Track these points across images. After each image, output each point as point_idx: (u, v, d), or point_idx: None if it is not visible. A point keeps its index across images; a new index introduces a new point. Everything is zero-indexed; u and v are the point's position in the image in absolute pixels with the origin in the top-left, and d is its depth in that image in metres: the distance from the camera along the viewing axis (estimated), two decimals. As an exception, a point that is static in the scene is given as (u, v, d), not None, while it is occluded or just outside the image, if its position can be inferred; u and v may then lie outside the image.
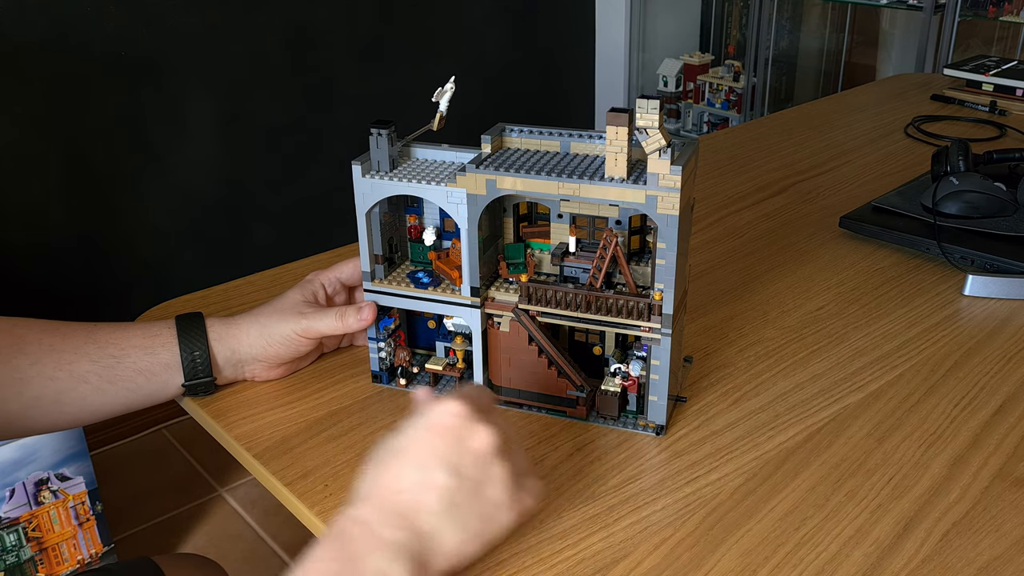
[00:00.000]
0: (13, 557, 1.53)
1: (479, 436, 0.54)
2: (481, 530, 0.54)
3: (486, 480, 0.54)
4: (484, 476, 0.54)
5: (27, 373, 0.70)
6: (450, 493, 0.53)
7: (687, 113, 2.86)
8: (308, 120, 2.23)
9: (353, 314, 0.75)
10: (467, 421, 0.54)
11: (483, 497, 0.54)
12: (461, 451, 0.53)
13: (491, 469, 0.54)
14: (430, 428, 0.54)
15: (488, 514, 0.54)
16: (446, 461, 0.53)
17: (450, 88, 0.72)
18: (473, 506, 0.53)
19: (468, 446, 0.53)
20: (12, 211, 1.82)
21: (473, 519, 0.54)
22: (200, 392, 0.75)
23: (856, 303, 0.91)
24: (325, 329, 0.75)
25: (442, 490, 0.53)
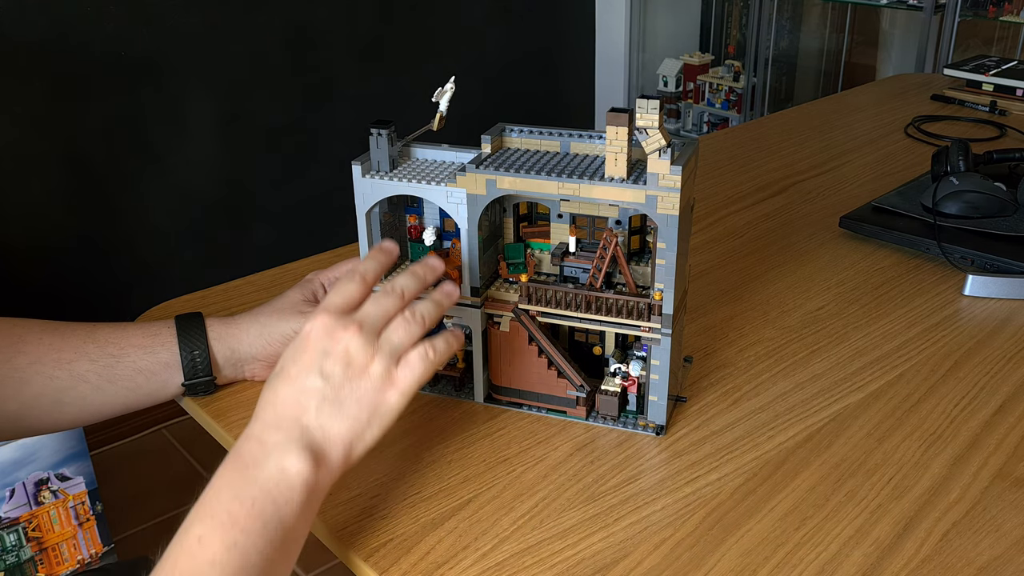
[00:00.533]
0: (13, 557, 1.53)
1: (340, 340, 0.58)
2: (367, 416, 0.58)
3: (356, 374, 0.58)
4: (353, 371, 0.58)
5: (27, 372, 0.70)
6: (324, 392, 0.57)
7: (687, 113, 2.86)
8: (308, 120, 2.23)
9: None
10: (330, 329, 0.59)
11: (358, 388, 0.58)
12: (327, 356, 0.58)
13: (358, 363, 0.58)
14: (299, 347, 0.59)
15: (368, 400, 0.58)
16: (314, 368, 0.58)
17: (450, 88, 0.72)
18: (349, 397, 0.58)
19: (332, 350, 0.58)
20: (12, 211, 1.82)
21: (355, 408, 0.58)
22: (200, 392, 0.75)
23: (856, 303, 0.91)
24: None
25: (315, 392, 0.57)
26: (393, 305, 0.61)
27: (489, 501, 0.64)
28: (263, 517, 0.52)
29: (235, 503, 0.52)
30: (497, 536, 0.61)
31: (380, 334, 0.60)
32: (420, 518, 0.63)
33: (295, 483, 0.54)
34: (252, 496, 0.53)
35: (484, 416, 0.74)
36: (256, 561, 0.51)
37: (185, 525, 0.52)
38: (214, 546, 0.51)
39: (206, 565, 0.50)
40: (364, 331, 0.59)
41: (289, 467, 0.54)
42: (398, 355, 0.60)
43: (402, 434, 0.72)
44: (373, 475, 0.67)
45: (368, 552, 0.60)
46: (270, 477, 0.54)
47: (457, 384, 0.76)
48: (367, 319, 0.60)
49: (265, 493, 0.53)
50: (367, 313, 0.60)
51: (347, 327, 0.59)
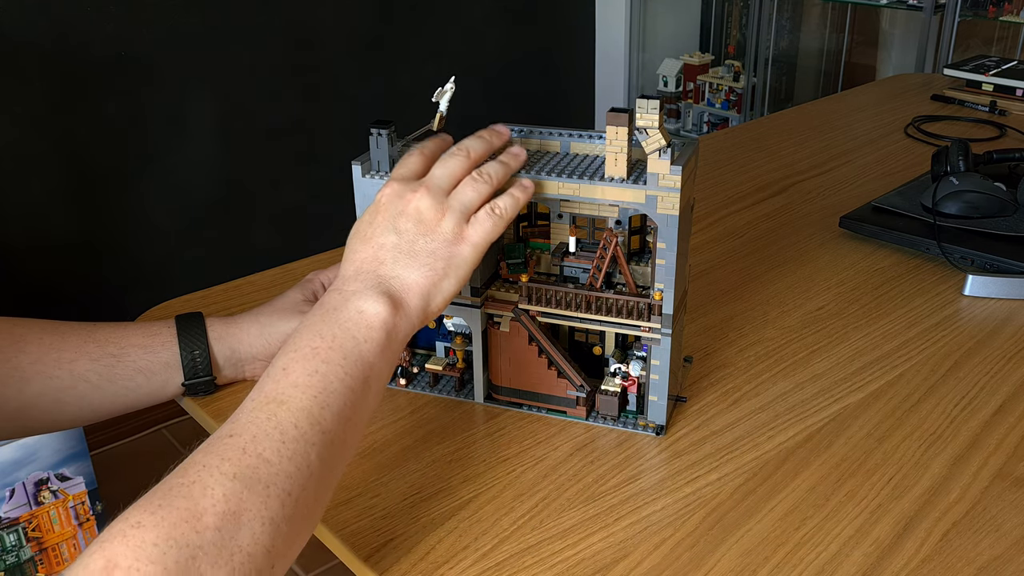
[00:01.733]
0: (13, 557, 1.53)
1: (410, 200, 0.62)
2: (441, 265, 0.61)
3: (427, 230, 0.61)
4: (424, 227, 0.61)
5: (27, 372, 0.70)
6: (397, 246, 0.61)
7: (687, 113, 2.86)
8: (308, 120, 2.23)
9: None
10: (401, 191, 0.63)
11: (430, 242, 0.61)
12: (401, 215, 0.62)
13: (429, 220, 0.62)
14: (372, 210, 0.63)
15: (440, 252, 0.61)
16: (388, 226, 0.62)
17: (450, 88, 0.72)
18: (424, 249, 0.61)
19: (404, 210, 0.62)
20: (12, 211, 1.82)
21: (428, 259, 0.61)
22: (200, 392, 0.75)
23: (856, 303, 0.91)
24: None
25: (390, 246, 0.61)
26: (460, 166, 0.64)
27: (489, 501, 0.64)
28: (343, 350, 0.55)
29: (316, 338, 0.56)
30: (497, 536, 0.61)
31: (449, 194, 0.63)
32: (420, 518, 0.63)
33: (374, 323, 0.57)
34: (332, 333, 0.56)
35: (484, 416, 0.74)
36: (337, 388, 0.54)
37: (272, 363, 0.56)
38: (296, 372, 0.54)
39: (289, 387, 0.53)
40: (432, 191, 0.62)
41: (367, 309, 0.57)
42: (468, 212, 0.63)
43: (402, 434, 0.72)
44: (373, 475, 0.67)
45: (368, 552, 0.60)
46: (349, 318, 0.57)
47: (457, 384, 0.76)
48: (434, 180, 0.63)
49: (345, 331, 0.56)
50: (435, 175, 0.63)
51: (416, 189, 0.62)
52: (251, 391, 0.54)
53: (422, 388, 0.77)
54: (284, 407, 0.52)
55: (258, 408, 0.52)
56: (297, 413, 0.52)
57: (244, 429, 0.51)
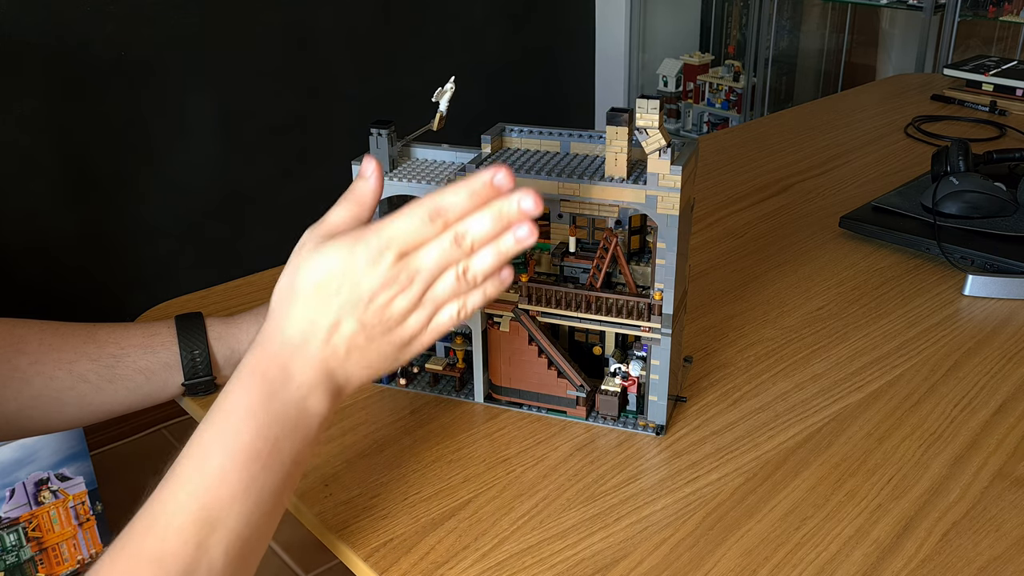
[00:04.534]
0: (13, 557, 1.53)
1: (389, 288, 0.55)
2: (386, 363, 0.58)
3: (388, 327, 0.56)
4: (389, 322, 0.56)
5: (27, 373, 0.70)
6: (353, 338, 0.56)
7: (687, 113, 2.86)
8: (308, 120, 2.23)
9: None
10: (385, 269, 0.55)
11: (387, 340, 0.57)
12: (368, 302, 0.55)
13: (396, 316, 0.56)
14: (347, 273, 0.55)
15: (391, 352, 0.57)
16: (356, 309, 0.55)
17: (450, 88, 0.72)
18: (378, 348, 0.57)
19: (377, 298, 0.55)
20: (12, 211, 1.82)
21: (377, 358, 0.57)
22: (200, 392, 0.75)
23: (856, 303, 0.91)
24: None
25: (346, 334, 0.55)
26: (456, 257, 0.56)
27: (489, 501, 0.64)
28: (282, 454, 0.54)
29: (259, 441, 0.53)
30: (497, 536, 0.61)
31: (425, 288, 0.56)
32: (420, 518, 0.63)
33: (314, 423, 0.56)
34: (275, 434, 0.54)
35: (484, 416, 0.74)
36: (269, 496, 0.53)
37: (203, 445, 0.53)
38: (233, 481, 0.52)
39: (227, 500, 0.51)
40: (415, 285, 0.56)
41: (312, 407, 0.55)
42: (437, 309, 0.57)
43: (402, 434, 0.72)
44: (373, 475, 0.67)
45: (368, 552, 0.60)
46: (290, 416, 0.54)
47: (457, 384, 0.76)
48: (423, 270, 0.55)
49: (287, 433, 0.54)
50: (427, 263, 0.55)
51: (400, 277, 0.55)
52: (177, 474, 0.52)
53: (422, 388, 0.77)
54: (216, 532, 0.50)
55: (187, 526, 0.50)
56: (228, 536, 0.51)
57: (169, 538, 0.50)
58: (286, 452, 0.54)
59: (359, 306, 0.55)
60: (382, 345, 0.57)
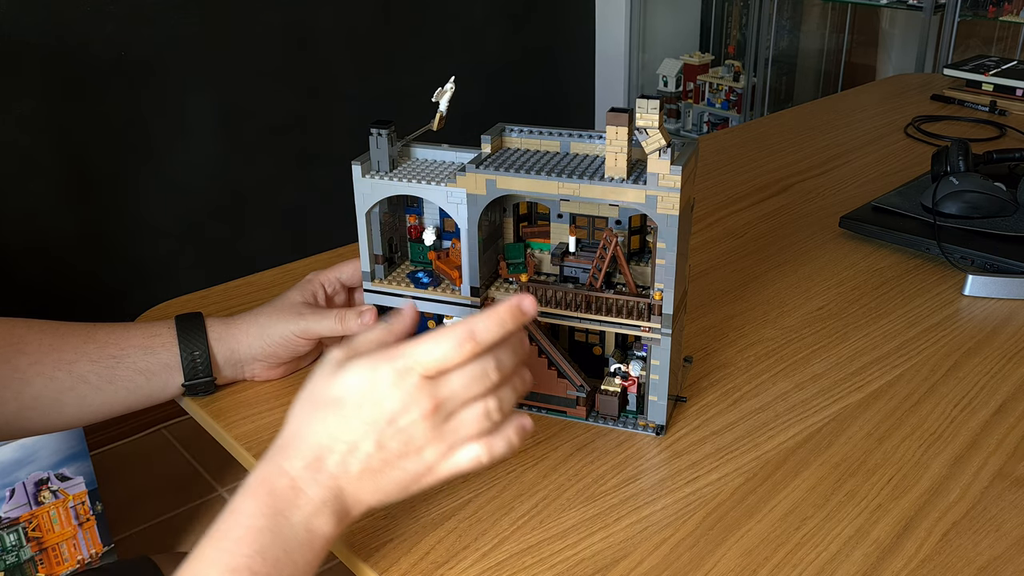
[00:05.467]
0: (13, 557, 1.53)
1: (410, 413, 0.54)
2: (399, 490, 0.56)
3: (407, 453, 0.54)
4: (406, 450, 0.54)
5: (27, 373, 0.70)
6: (369, 460, 0.54)
7: (687, 113, 2.86)
8: (308, 120, 2.23)
9: (353, 317, 0.74)
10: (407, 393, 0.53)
11: (402, 467, 0.55)
12: (389, 423, 0.54)
13: (414, 445, 0.54)
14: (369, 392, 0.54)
15: (406, 480, 0.55)
16: (373, 430, 0.54)
17: (450, 88, 0.72)
18: (392, 474, 0.55)
19: (398, 422, 0.54)
20: (12, 211, 1.82)
21: (391, 484, 0.55)
22: (200, 392, 0.75)
23: (856, 303, 0.91)
24: (324, 331, 0.75)
25: (362, 455, 0.54)
26: (483, 390, 0.55)
27: (489, 501, 0.64)
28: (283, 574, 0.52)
29: (258, 559, 0.51)
30: (497, 536, 0.61)
31: (450, 418, 0.55)
32: (420, 518, 0.63)
33: (318, 544, 0.54)
34: (276, 556, 0.52)
35: (484, 416, 0.74)
36: None
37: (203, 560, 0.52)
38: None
39: None
40: (438, 415, 0.54)
41: (317, 528, 0.54)
42: (457, 445, 0.55)
43: (402, 434, 0.72)
44: (373, 475, 0.67)
45: (368, 552, 0.60)
46: (296, 536, 0.53)
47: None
48: (448, 402, 0.54)
49: (288, 553, 0.53)
50: (452, 394, 0.54)
51: (424, 403, 0.53)
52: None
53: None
54: None
55: None
56: None
57: None
58: (288, 573, 0.52)
59: (379, 426, 0.54)
60: (397, 472, 0.55)
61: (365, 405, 0.54)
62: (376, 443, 0.54)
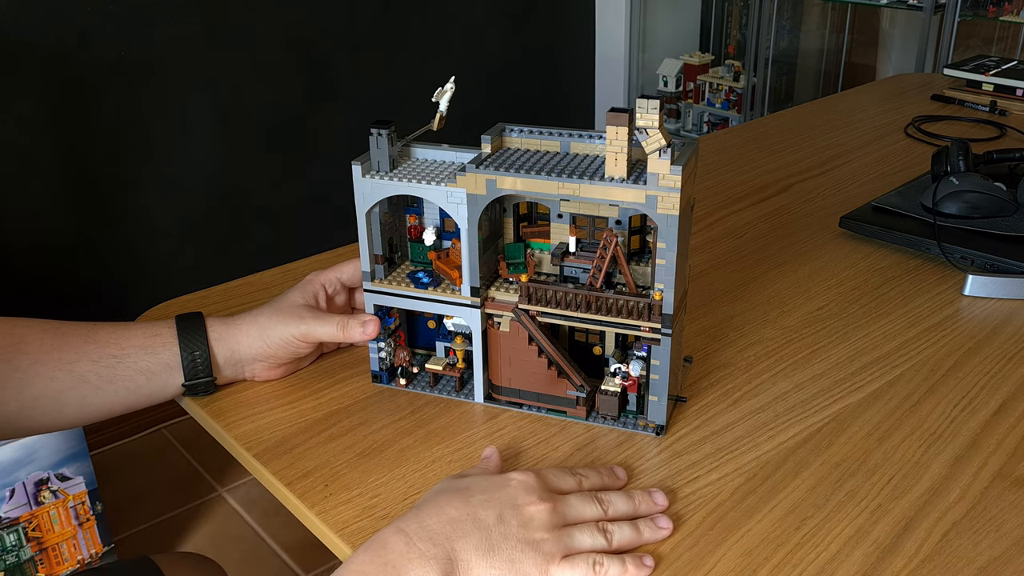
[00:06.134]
0: (13, 557, 1.53)
1: (535, 505, 0.58)
2: (506, 571, 0.56)
3: (526, 538, 0.57)
4: (526, 534, 0.57)
5: (27, 373, 0.70)
6: (490, 532, 0.57)
7: (687, 113, 2.86)
8: (308, 120, 2.23)
9: (356, 326, 0.74)
10: (532, 490, 0.59)
11: (518, 549, 0.57)
12: (514, 508, 0.58)
13: (532, 529, 0.57)
14: (496, 483, 0.60)
15: (518, 565, 0.56)
16: (498, 508, 0.58)
17: (450, 88, 0.72)
18: (507, 552, 0.56)
19: (522, 509, 0.58)
20: (12, 211, 1.82)
21: (503, 563, 0.56)
22: (200, 392, 0.75)
23: (856, 303, 0.91)
24: (324, 336, 0.75)
25: (484, 527, 0.57)
26: (594, 514, 0.60)
27: (489, 501, 0.64)
28: None
29: None
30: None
31: (568, 527, 0.59)
32: (420, 518, 0.63)
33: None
34: None
35: (484, 416, 0.74)
36: None
37: None
38: None
39: None
40: (556, 512, 0.59)
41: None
42: (571, 552, 0.57)
43: (402, 434, 0.72)
44: (373, 475, 0.67)
45: (368, 552, 0.60)
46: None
47: (457, 384, 0.76)
48: (565, 506, 0.60)
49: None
50: (569, 503, 0.60)
51: (544, 500, 0.59)
52: None
53: (422, 388, 0.77)
54: None
55: None
56: None
57: None
58: None
59: (502, 504, 0.58)
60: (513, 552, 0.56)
61: (491, 491, 0.59)
62: (497, 516, 0.57)
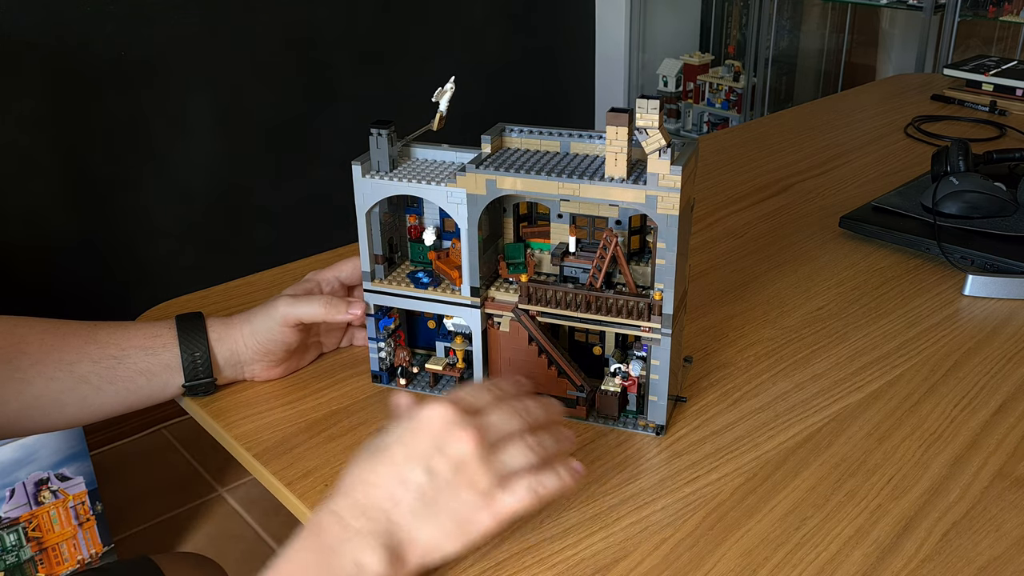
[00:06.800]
0: (13, 557, 1.53)
1: (460, 441, 0.55)
2: (455, 529, 0.55)
3: (462, 483, 0.55)
4: (460, 479, 0.55)
5: (28, 373, 0.70)
6: (423, 491, 0.54)
7: (687, 113, 2.86)
8: (308, 120, 2.23)
9: (343, 306, 0.74)
10: (451, 425, 0.56)
11: (457, 498, 0.55)
12: (440, 453, 0.55)
13: (467, 473, 0.55)
14: (413, 429, 0.56)
15: (462, 514, 0.55)
16: (423, 461, 0.55)
17: (450, 88, 0.72)
18: (447, 505, 0.55)
19: (447, 450, 0.55)
20: (12, 211, 1.82)
21: (447, 518, 0.55)
22: (200, 392, 0.75)
23: (856, 303, 0.91)
24: (305, 315, 0.74)
25: (416, 487, 0.54)
26: (518, 425, 0.58)
27: (489, 501, 0.64)
28: None
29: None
30: (497, 536, 0.61)
31: (496, 449, 0.57)
32: (420, 518, 0.63)
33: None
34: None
35: (484, 416, 0.74)
36: None
37: None
38: None
39: None
40: (484, 445, 0.56)
41: (367, 564, 0.53)
42: (508, 477, 0.56)
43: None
44: (373, 475, 0.67)
45: (368, 552, 0.60)
46: (344, 570, 0.52)
47: (457, 384, 0.76)
48: (490, 429, 0.57)
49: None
50: (491, 423, 0.57)
51: (467, 428, 0.55)
52: None
53: (422, 388, 0.77)
54: None
55: None
56: None
57: None
58: None
59: (428, 454, 0.55)
60: (452, 503, 0.55)
61: (411, 442, 0.55)
62: (426, 470, 0.55)
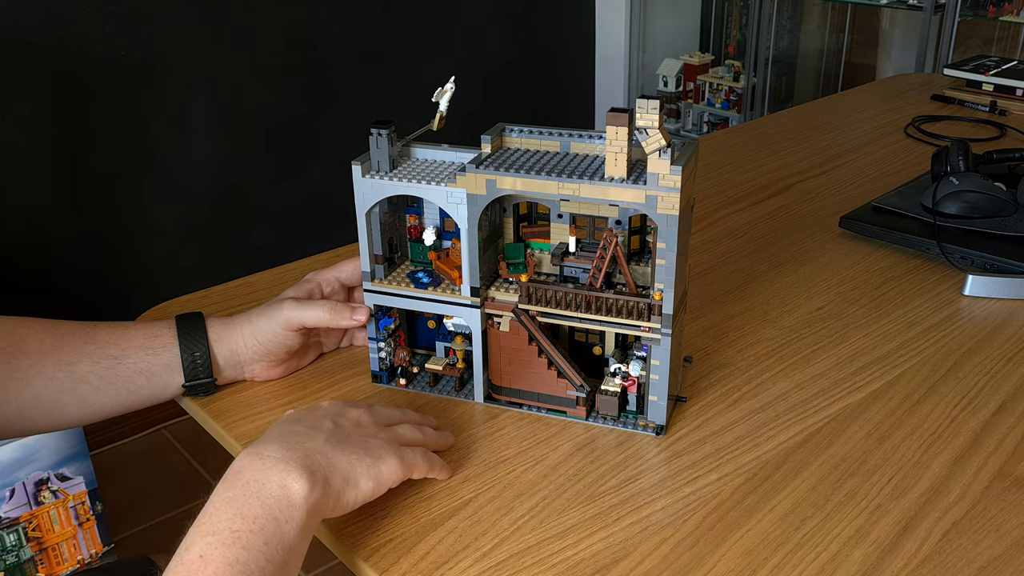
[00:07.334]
0: (13, 557, 1.53)
1: (355, 409, 0.65)
2: (369, 460, 0.60)
3: (364, 432, 0.63)
4: (361, 430, 0.63)
5: (27, 373, 0.70)
6: (332, 431, 0.61)
7: (687, 113, 2.86)
8: (308, 120, 2.23)
9: (347, 311, 0.74)
10: (344, 406, 0.65)
11: (365, 441, 0.61)
12: (337, 414, 0.63)
13: (366, 426, 0.63)
14: (312, 410, 0.64)
15: (372, 450, 0.60)
16: (327, 418, 0.62)
17: (450, 88, 0.72)
18: (356, 442, 0.61)
19: (344, 414, 0.64)
20: (12, 211, 1.82)
21: (359, 448, 0.60)
22: (200, 393, 0.75)
23: (856, 303, 0.91)
24: (309, 320, 0.74)
25: (325, 431, 0.60)
26: (399, 417, 0.68)
27: (489, 501, 0.64)
28: (265, 533, 0.52)
29: (237, 519, 0.52)
30: (497, 536, 0.61)
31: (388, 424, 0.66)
32: (420, 518, 0.63)
33: (296, 501, 0.54)
34: (254, 514, 0.53)
35: (484, 416, 0.74)
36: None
37: (185, 543, 0.52)
38: (216, 563, 0.50)
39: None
40: (374, 413, 0.65)
41: (290, 484, 0.54)
42: (401, 443, 0.64)
43: (402, 434, 0.72)
44: (373, 475, 0.67)
45: (368, 552, 0.60)
46: (271, 494, 0.54)
47: (457, 384, 0.76)
48: (377, 409, 0.67)
49: (267, 510, 0.53)
50: (377, 408, 0.67)
51: (358, 407, 0.65)
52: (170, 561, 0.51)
53: (422, 388, 0.77)
54: None
55: None
56: None
57: None
58: (270, 533, 0.53)
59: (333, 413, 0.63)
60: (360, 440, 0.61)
61: (319, 410, 0.64)
62: (333, 422, 0.62)
